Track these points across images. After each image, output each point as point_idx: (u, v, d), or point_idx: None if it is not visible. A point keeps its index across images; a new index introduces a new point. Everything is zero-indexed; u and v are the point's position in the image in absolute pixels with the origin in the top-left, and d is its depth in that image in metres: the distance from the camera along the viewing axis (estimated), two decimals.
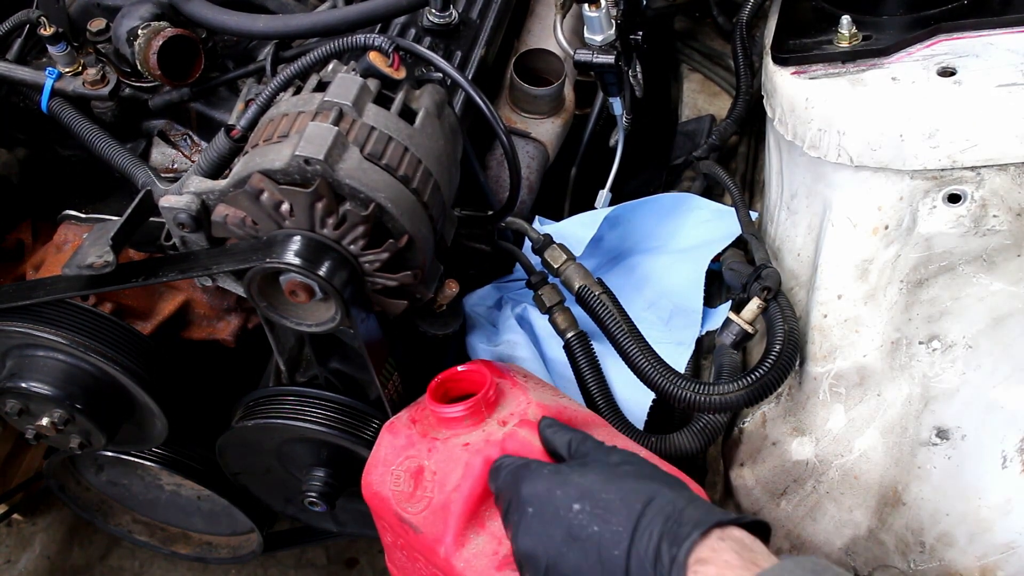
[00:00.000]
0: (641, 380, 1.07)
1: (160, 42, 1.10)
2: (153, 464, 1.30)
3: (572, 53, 1.28)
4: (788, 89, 1.11)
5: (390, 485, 0.92)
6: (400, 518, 0.90)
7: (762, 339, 1.15)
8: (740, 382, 1.03)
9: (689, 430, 1.11)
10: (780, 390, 1.13)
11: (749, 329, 1.12)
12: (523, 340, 1.23)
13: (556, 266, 1.17)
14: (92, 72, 1.15)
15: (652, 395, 1.15)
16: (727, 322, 1.13)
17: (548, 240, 1.20)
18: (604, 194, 1.41)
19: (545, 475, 0.77)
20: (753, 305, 1.11)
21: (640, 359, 1.07)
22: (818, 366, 1.09)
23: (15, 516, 1.79)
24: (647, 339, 1.11)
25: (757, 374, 1.04)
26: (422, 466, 0.90)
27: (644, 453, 0.89)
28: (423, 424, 0.95)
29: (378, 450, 0.97)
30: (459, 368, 0.98)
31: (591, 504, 0.72)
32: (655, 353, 1.08)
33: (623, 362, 1.10)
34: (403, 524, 0.90)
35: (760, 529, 0.72)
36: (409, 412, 0.99)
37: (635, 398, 1.16)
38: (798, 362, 1.11)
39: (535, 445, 0.87)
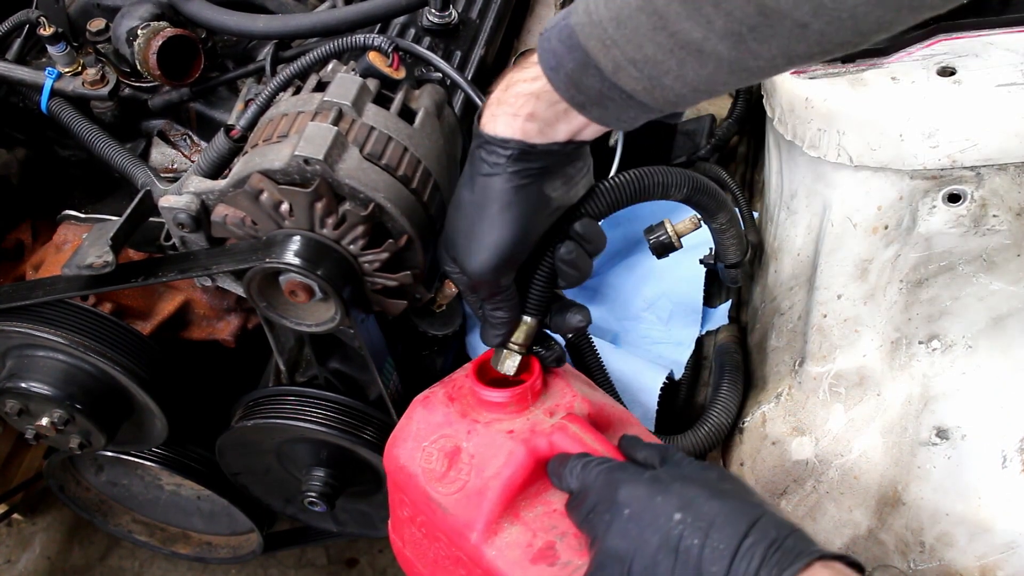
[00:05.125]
0: None
1: (159, 42, 1.10)
2: (153, 464, 1.30)
3: None
4: (788, 89, 1.11)
5: (420, 461, 0.89)
6: (428, 496, 0.87)
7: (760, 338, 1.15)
8: None
9: (695, 432, 1.11)
10: (780, 390, 1.13)
11: (675, 240, 1.05)
12: None
13: None
14: (91, 72, 1.15)
15: (657, 395, 1.14)
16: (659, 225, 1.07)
17: None
18: None
19: (645, 479, 0.75)
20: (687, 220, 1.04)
21: None
22: (818, 366, 1.09)
23: (15, 516, 1.79)
24: (647, 339, 1.11)
25: None
26: (459, 447, 0.87)
27: None
28: (461, 403, 0.91)
29: (409, 423, 0.93)
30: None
31: (693, 516, 0.70)
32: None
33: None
34: (431, 503, 0.87)
35: (859, 570, 0.71)
36: (445, 388, 0.94)
37: (640, 399, 1.17)
38: (798, 362, 1.12)
39: (585, 441, 0.84)
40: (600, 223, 1.27)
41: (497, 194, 0.78)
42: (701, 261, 1.25)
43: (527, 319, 0.88)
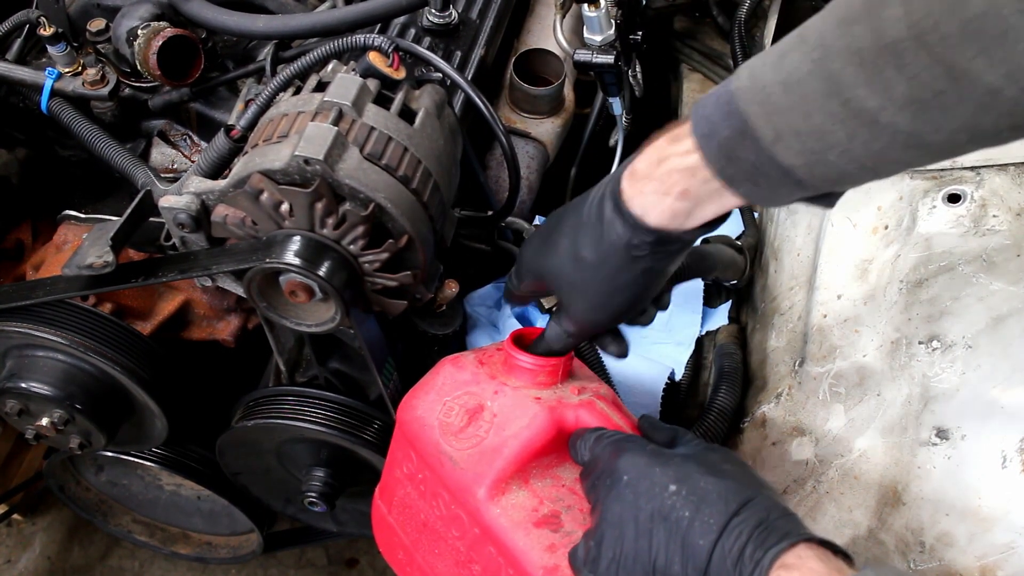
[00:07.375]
0: None
1: (160, 42, 1.10)
2: (153, 464, 1.30)
3: (572, 53, 1.28)
4: None
5: (439, 414, 0.89)
6: (439, 449, 0.87)
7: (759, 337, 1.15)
8: None
9: (694, 433, 1.11)
10: (780, 390, 1.13)
11: None
12: None
13: None
14: (92, 72, 1.15)
15: (659, 397, 1.14)
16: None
17: None
18: None
19: (648, 451, 0.77)
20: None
21: None
22: (818, 366, 1.09)
23: (15, 516, 1.79)
24: (647, 339, 1.11)
25: None
26: (483, 405, 0.88)
27: None
28: (491, 368, 0.92)
29: (434, 377, 0.94)
30: (542, 327, 0.96)
31: (688, 489, 0.72)
32: None
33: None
34: (441, 456, 0.87)
35: (847, 558, 0.72)
36: (476, 354, 0.96)
37: (644, 399, 1.17)
38: (798, 362, 1.12)
39: (611, 419, 0.85)
40: None
41: (626, 271, 0.79)
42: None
43: None
